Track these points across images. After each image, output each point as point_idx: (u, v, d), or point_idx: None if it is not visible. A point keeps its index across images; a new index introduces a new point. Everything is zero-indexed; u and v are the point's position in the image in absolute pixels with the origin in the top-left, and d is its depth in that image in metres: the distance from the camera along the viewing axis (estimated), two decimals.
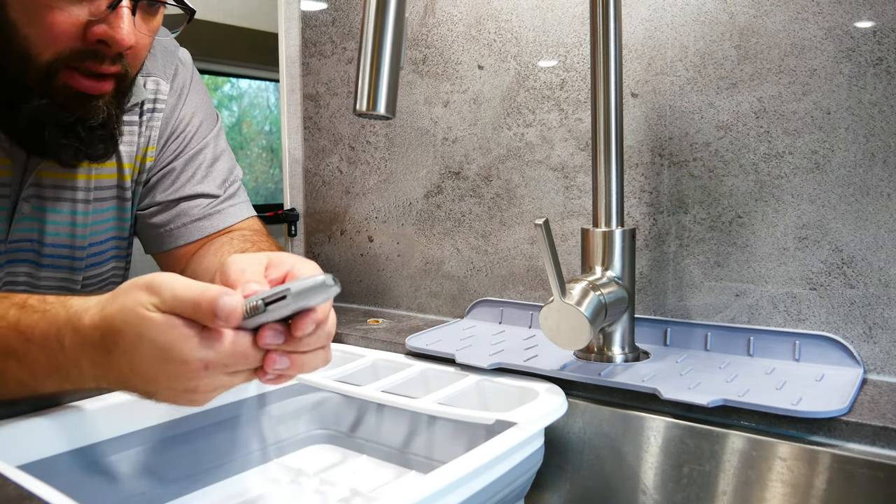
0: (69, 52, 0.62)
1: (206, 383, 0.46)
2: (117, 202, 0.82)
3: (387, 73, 0.53)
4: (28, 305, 0.52)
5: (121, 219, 0.83)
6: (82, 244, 0.79)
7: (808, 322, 0.67)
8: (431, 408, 0.59)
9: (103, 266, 0.83)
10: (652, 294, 0.75)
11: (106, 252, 0.82)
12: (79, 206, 0.77)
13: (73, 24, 0.61)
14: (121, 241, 0.84)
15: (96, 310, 0.48)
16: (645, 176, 0.75)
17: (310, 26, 1.04)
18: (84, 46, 0.62)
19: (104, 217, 0.81)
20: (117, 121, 0.70)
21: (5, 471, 0.44)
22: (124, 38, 0.62)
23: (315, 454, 0.73)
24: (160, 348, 0.44)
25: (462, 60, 0.88)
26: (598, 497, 0.61)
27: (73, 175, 0.76)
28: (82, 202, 0.78)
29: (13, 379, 0.52)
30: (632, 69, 0.75)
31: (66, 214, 0.77)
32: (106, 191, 0.80)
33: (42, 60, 0.62)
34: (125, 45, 0.62)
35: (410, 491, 0.42)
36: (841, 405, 0.53)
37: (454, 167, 0.90)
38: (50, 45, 0.61)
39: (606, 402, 0.62)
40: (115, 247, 0.84)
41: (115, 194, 0.81)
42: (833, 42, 0.64)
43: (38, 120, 0.65)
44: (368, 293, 1.00)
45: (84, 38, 0.62)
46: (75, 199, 0.77)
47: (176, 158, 0.84)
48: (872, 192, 0.63)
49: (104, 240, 0.82)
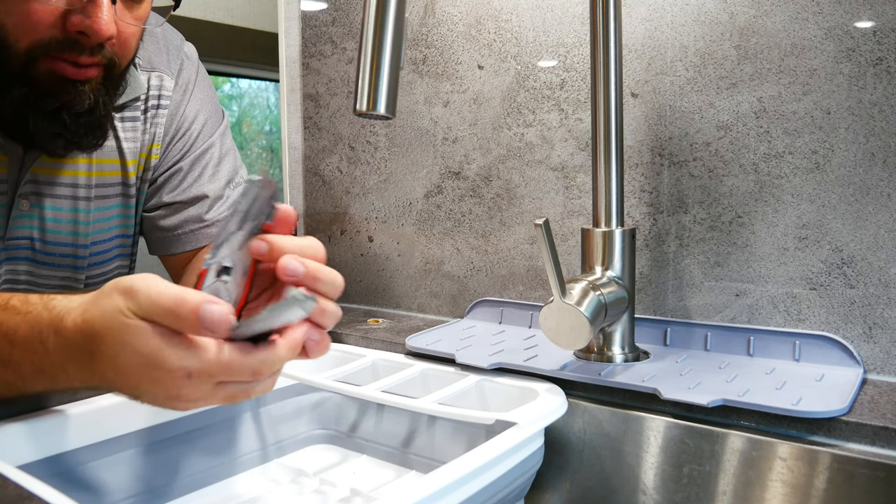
0: (48, 41, 0.61)
1: (188, 392, 0.45)
2: (122, 199, 0.81)
3: (387, 73, 0.53)
4: (10, 307, 0.51)
5: (125, 216, 0.82)
6: (84, 242, 0.78)
7: (808, 322, 0.67)
8: (431, 408, 0.59)
9: (108, 265, 0.82)
10: (652, 294, 0.75)
11: (111, 251, 0.82)
12: (80, 203, 0.76)
13: (50, 13, 0.60)
14: (125, 238, 0.83)
15: (78, 312, 0.47)
16: (645, 176, 0.75)
17: (310, 26, 1.04)
18: (63, 36, 0.61)
19: (108, 215, 0.80)
20: (105, 109, 0.69)
21: (5, 471, 0.44)
22: (102, 29, 0.61)
23: (315, 454, 0.73)
24: (142, 355, 0.43)
25: (462, 60, 0.88)
26: (598, 497, 0.61)
27: (72, 171, 0.75)
28: (84, 199, 0.77)
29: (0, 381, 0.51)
30: (632, 69, 0.75)
31: (66, 212, 0.76)
32: (109, 188, 0.79)
33: (20, 48, 0.61)
34: (104, 36, 0.61)
35: (410, 491, 0.42)
36: (841, 405, 0.53)
37: (454, 167, 0.90)
38: (27, 33, 0.60)
39: (606, 402, 0.62)
40: (120, 245, 0.83)
41: (120, 191, 0.80)
42: (833, 42, 0.64)
43: (22, 108, 0.64)
44: (368, 293, 1.00)
45: (63, 27, 0.61)
46: (76, 196, 0.76)
47: (182, 158, 0.84)
48: (872, 192, 0.63)
49: (108, 238, 0.81)
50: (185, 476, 0.63)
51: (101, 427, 0.57)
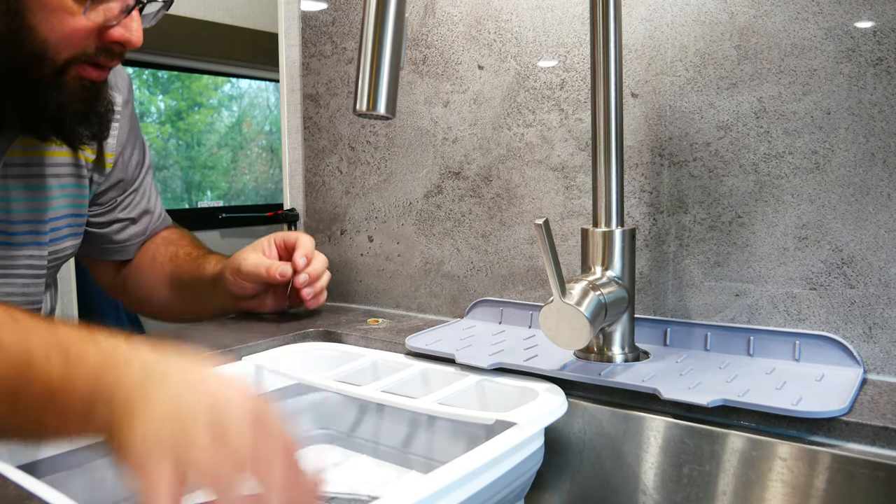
0: (83, 51, 0.67)
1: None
2: (74, 180, 0.85)
3: (387, 73, 0.53)
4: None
5: (78, 196, 0.87)
6: (42, 217, 0.82)
7: (808, 322, 0.67)
8: (431, 408, 0.59)
9: (62, 242, 0.86)
10: (652, 294, 0.75)
11: (62, 229, 0.86)
12: (45, 181, 0.81)
13: (91, 28, 0.66)
14: (78, 218, 0.88)
15: None
16: (645, 176, 0.75)
17: (310, 26, 1.04)
18: (97, 45, 0.67)
19: (61, 193, 0.84)
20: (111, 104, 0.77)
21: (5, 471, 0.44)
22: (137, 39, 0.68)
23: (315, 454, 0.73)
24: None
25: (462, 60, 0.88)
26: (598, 497, 0.61)
27: (38, 152, 0.80)
28: (49, 177, 0.82)
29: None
30: (632, 69, 0.75)
31: (43, 191, 0.81)
32: (62, 167, 0.84)
33: (59, 59, 0.66)
34: (138, 45, 0.68)
35: (410, 491, 0.42)
36: (841, 405, 0.53)
37: (454, 167, 0.90)
38: (69, 47, 0.66)
39: (606, 402, 0.62)
40: (70, 224, 0.87)
41: (72, 171, 0.85)
42: (833, 42, 0.64)
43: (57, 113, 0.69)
44: (368, 293, 1.00)
45: (99, 37, 0.67)
46: (41, 175, 0.81)
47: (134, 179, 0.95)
48: (872, 192, 0.63)
49: (61, 216, 0.85)
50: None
51: None
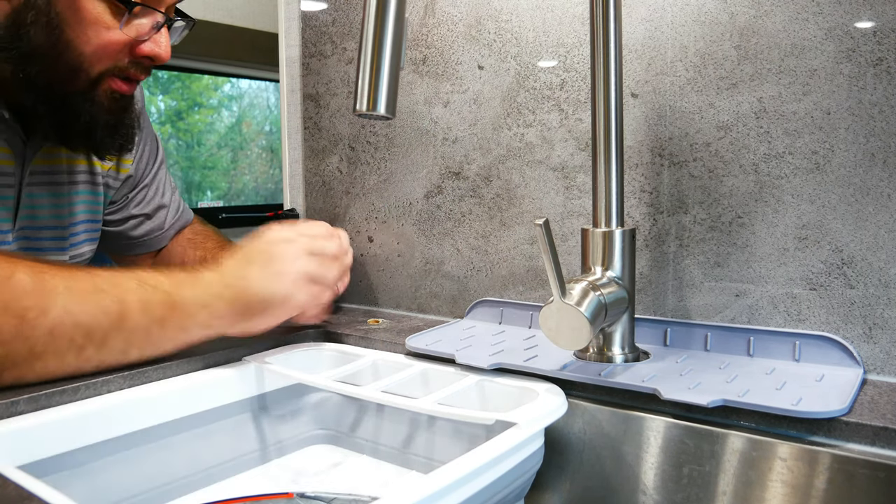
0: (115, 64, 0.70)
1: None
2: (90, 187, 0.88)
3: (387, 74, 0.53)
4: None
5: (94, 203, 0.89)
6: (63, 224, 0.85)
7: (808, 322, 0.67)
8: (431, 408, 0.59)
9: (80, 247, 0.89)
10: (652, 294, 0.75)
11: (79, 234, 0.88)
12: (57, 188, 0.83)
13: (125, 41, 0.69)
14: (94, 223, 0.90)
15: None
16: (645, 176, 0.75)
17: (310, 26, 1.04)
18: (129, 59, 0.71)
19: (78, 199, 0.87)
20: (138, 115, 0.80)
21: (5, 471, 0.44)
22: (167, 55, 0.72)
23: (315, 454, 0.73)
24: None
25: (462, 60, 0.88)
26: (598, 497, 0.61)
27: (58, 160, 0.83)
28: (67, 185, 0.84)
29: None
30: (632, 69, 0.75)
31: (64, 197, 0.84)
32: (79, 175, 0.86)
33: (93, 72, 0.70)
34: (167, 59, 0.72)
35: (410, 491, 0.42)
36: (841, 405, 0.53)
37: (454, 167, 0.90)
38: (102, 60, 0.69)
39: (606, 403, 0.62)
40: (87, 230, 0.89)
41: (87, 178, 0.87)
42: (833, 42, 0.64)
43: (90, 124, 0.72)
44: (368, 293, 1.00)
45: (131, 52, 0.71)
46: (61, 182, 0.83)
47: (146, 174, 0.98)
48: (872, 192, 0.63)
49: (78, 221, 0.87)
50: (186, 476, 0.63)
51: (101, 428, 0.57)
